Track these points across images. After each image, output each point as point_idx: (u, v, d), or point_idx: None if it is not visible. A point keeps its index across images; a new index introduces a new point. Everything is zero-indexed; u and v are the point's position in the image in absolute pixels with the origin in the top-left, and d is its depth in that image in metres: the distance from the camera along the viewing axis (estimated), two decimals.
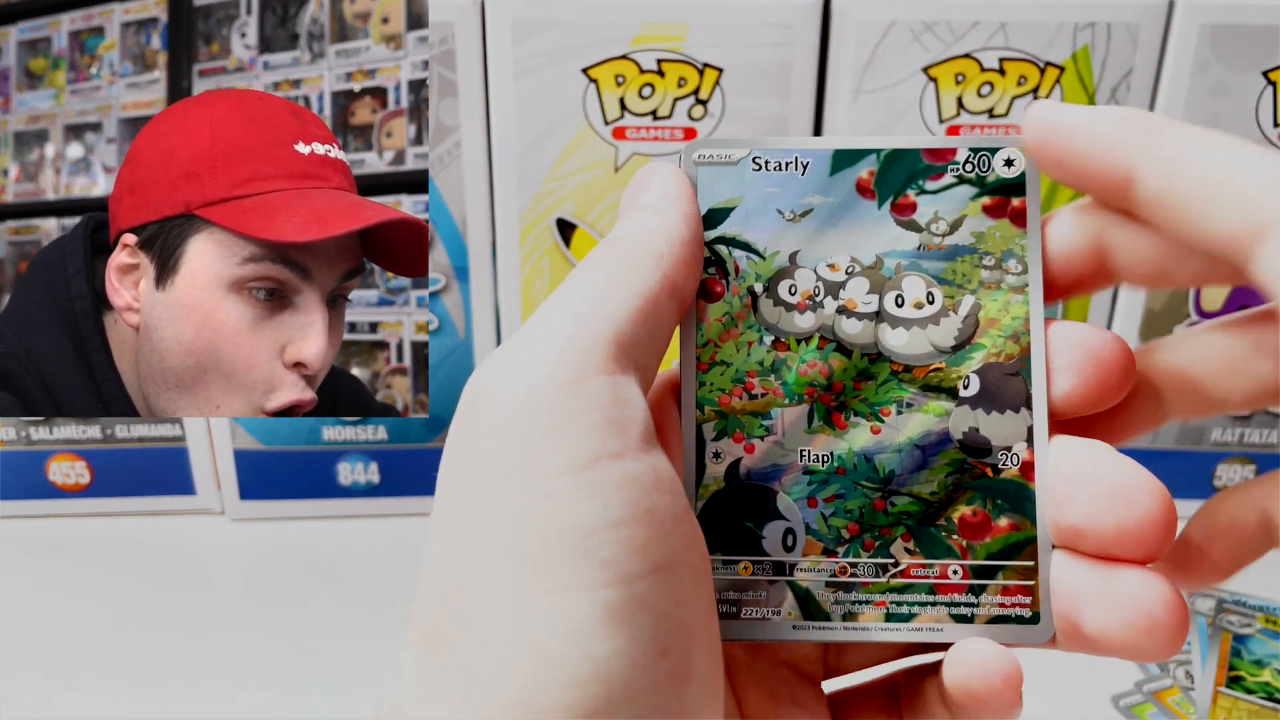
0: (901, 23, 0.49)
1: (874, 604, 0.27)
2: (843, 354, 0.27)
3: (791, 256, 0.27)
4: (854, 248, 0.27)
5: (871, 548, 0.27)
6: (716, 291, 0.28)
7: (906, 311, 0.27)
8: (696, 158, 0.28)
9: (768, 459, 0.27)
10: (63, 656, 0.50)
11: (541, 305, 0.25)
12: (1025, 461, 0.27)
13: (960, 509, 0.27)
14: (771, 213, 0.28)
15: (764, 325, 0.27)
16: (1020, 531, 0.26)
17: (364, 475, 0.59)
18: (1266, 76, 0.49)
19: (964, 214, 0.27)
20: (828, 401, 0.27)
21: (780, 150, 0.28)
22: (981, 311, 0.27)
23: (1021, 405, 0.27)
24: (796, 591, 0.27)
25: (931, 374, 0.27)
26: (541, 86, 0.50)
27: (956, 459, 0.27)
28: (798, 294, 0.27)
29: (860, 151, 0.27)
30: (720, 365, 0.27)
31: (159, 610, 0.53)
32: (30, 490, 0.59)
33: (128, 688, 0.49)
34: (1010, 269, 0.27)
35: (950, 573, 0.27)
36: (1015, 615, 0.26)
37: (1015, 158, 0.27)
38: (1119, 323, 0.54)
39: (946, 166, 0.27)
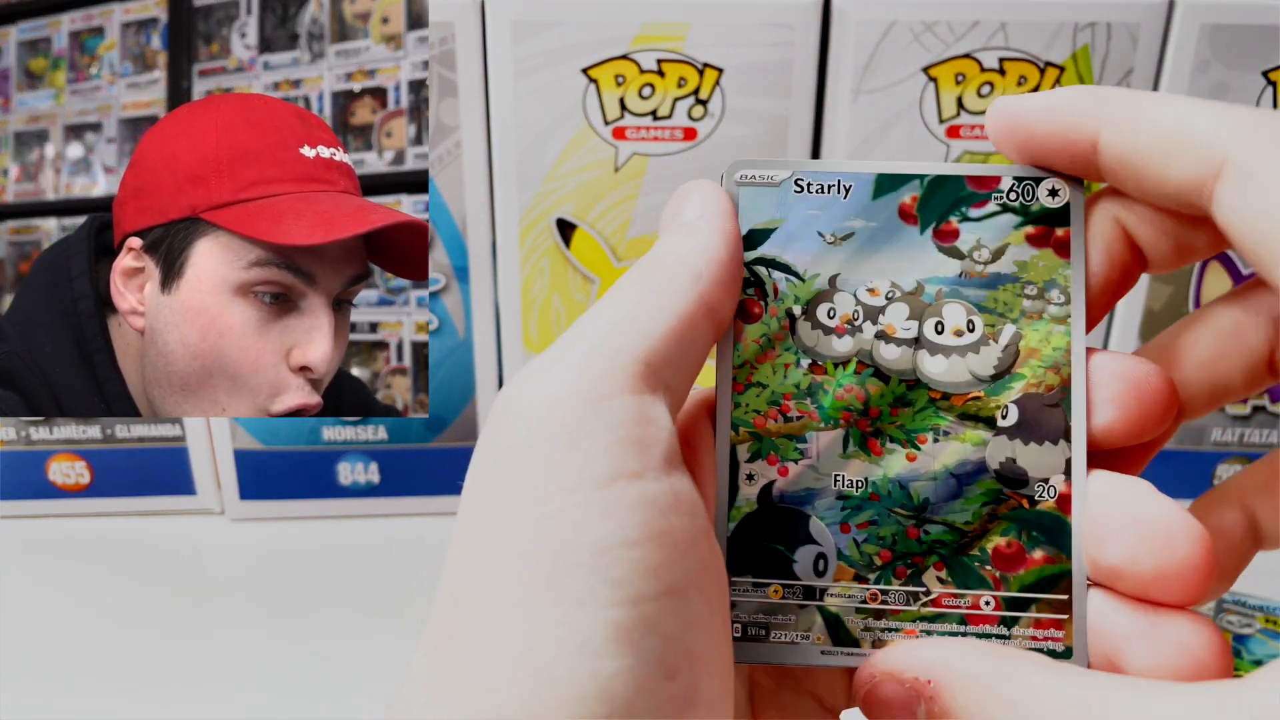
0: (901, 23, 0.49)
1: (903, 632, 0.26)
2: (880, 379, 0.27)
3: (831, 280, 0.27)
4: (895, 273, 0.27)
5: (903, 575, 0.26)
6: (755, 313, 0.27)
7: (946, 339, 0.27)
8: (739, 178, 0.28)
9: (801, 482, 0.27)
10: (63, 656, 0.51)
11: (576, 321, 0.25)
12: (1062, 494, 0.26)
13: (994, 540, 0.26)
14: (812, 235, 0.27)
15: (801, 348, 0.27)
16: (1055, 565, 0.26)
17: (364, 475, 0.59)
18: (1266, 76, 0.49)
19: (1007, 242, 0.27)
20: (864, 427, 0.27)
21: (823, 173, 0.28)
22: (1022, 341, 0.27)
23: (1060, 437, 0.26)
24: (826, 617, 0.27)
25: (970, 403, 0.27)
26: (541, 86, 0.50)
27: (992, 489, 0.26)
28: (836, 317, 0.27)
29: (904, 176, 0.27)
30: (756, 387, 0.27)
31: (159, 610, 0.53)
32: (30, 490, 0.59)
33: (128, 688, 0.49)
34: (1053, 299, 0.27)
35: (983, 603, 0.26)
36: (1048, 649, 0.26)
37: (1060, 188, 0.27)
38: (1119, 323, 0.54)
39: (990, 194, 0.27)
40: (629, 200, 0.52)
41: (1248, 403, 0.55)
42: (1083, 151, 0.25)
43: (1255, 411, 0.56)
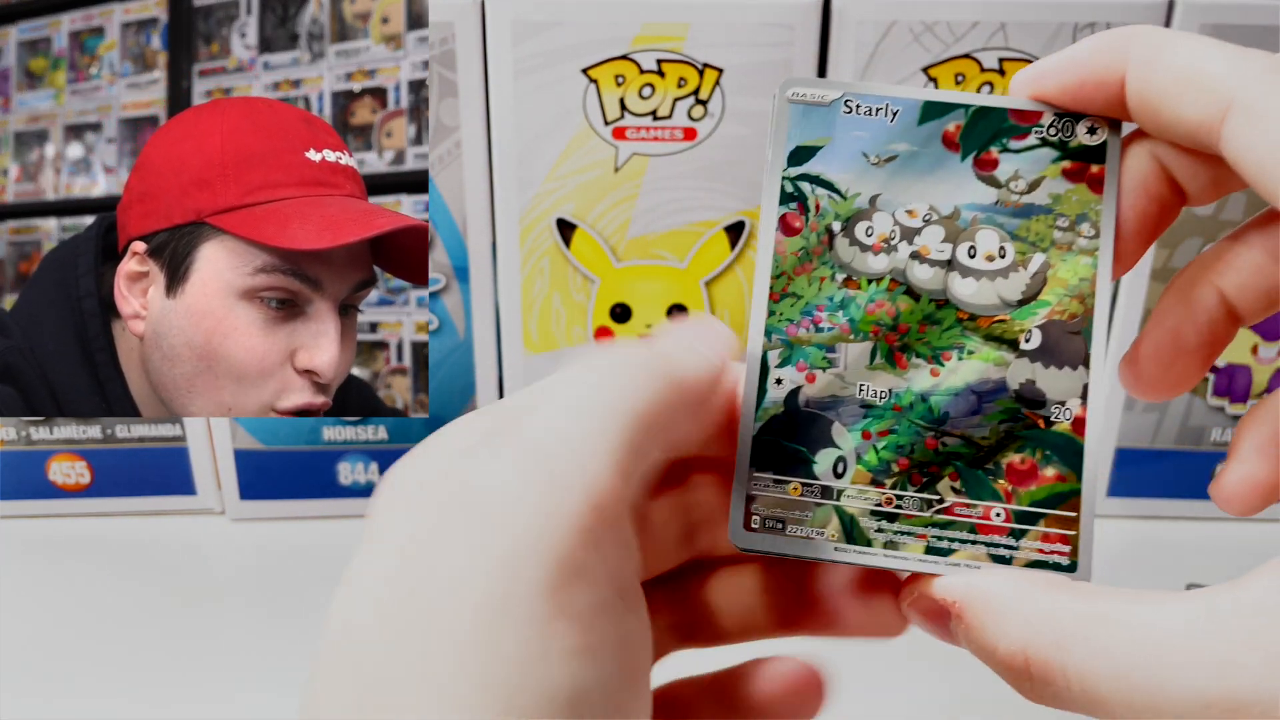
0: (901, 23, 0.49)
1: (916, 535, 0.27)
2: (911, 297, 0.28)
3: (872, 199, 0.28)
4: (933, 197, 0.28)
5: (919, 483, 0.28)
6: (795, 226, 0.28)
7: (978, 263, 0.28)
8: (790, 95, 0.29)
9: (828, 390, 0.28)
10: (63, 656, 0.51)
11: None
12: (1078, 417, 0.27)
13: (1009, 456, 0.27)
14: (857, 155, 0.28)
15: (838, 263, 0.28)
16: (1066, 483, 0.27)
17: (364, 475, 0.59)
18: None
19: (1043, 175, 0.28)
20: (891, 341, 0.28)
21: (872, 96, 0.29)
22: (1050, 270, 0.28)
23: (1080, 363, 0.27)
24: (842, 516, 0.28)
25: (995, 324, 0.28)
26: (541, 86, 0.50)
27: (1011, 408, 0.28)
28: (874, 236, 0.28)
29: (950, 105, 0.28)
30: (791, 297, 0.28)
31: (159, 610, 0.53)
32: (31, 490, 0.59)
33: (128, 687, 0.49)
34: (1083, 232, 0.28)
35: (993, 515, 0.27)
36: (1053, 562, 0.27)
37: (1098, 127, 0.28)
38: (1119, 323, 0.54)
39: (1031, 128, 0.28)
40: (629, 200, 0.52)
41: (1247, 402, 0.56)
42: (1115, 92, 0.26)
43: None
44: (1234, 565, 0.60)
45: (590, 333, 0.55)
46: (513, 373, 0.56)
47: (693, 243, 0.53)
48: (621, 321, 0.54)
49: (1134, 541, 0.57)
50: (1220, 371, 0.55)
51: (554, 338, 0.55)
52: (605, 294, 0.54)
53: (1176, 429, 0.56)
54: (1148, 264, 0.53)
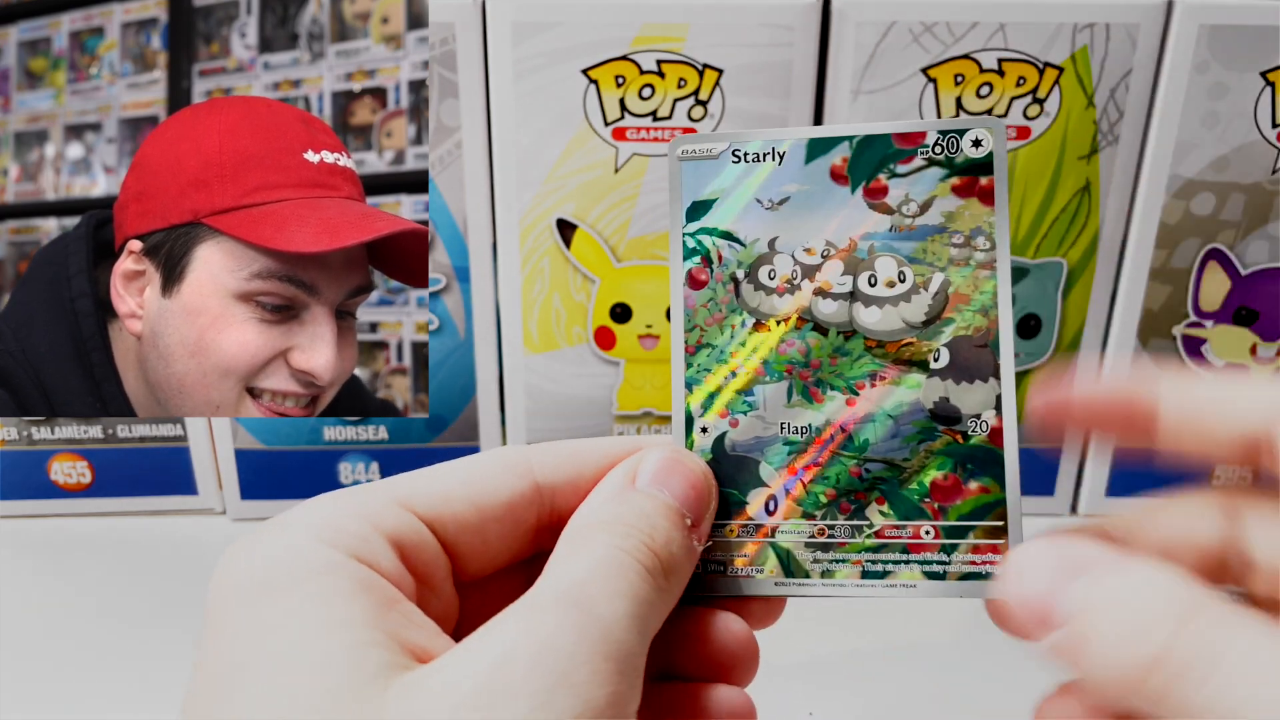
0: (901, 23, 0.49)
1: (851, 562, 0.28)
2: (819, 333, 0.29)
3: (770, 243, 0.29)
4: (829, 232, 0.29)
5: (848, 511, 0.29)
6: (701, 280, 0.29)
7: (879, 290, 0.29)
8: (680, 153, 0.30)
9: (751, 432, 0.29)
10: (64, 656, 0.51)
11: None
12: (994, 428, 0.28)
13: (932, 473, 0.28)
14: (750, 202, 0.29)
15: (746, 308, 0.29)
16: (990, 494, 0.28)
17: (365, 475, 0.59)
18: (1265, 77, 0.49)
19: (934, 194, 0.29)
20: (805, 378, 0.29)
21: (758, 142, 0.29)
22: (951, 288, 0.28)
23: (990, 375, 0.28)
24: (778, 552, 0.29)
25: (904, 348, 0.29)
26: (542, 87, 0.50)
27: (928, 427, 0.28)
28: (777, 278, 0.29)
29: (833, 139, 0.29)
30: (706, 348, 0.29)
31: (160, 610, 0.53)
32: (32, 490, 0.59)
33: (129, 687, 0.49)
34: (979, 245, 0.28)
35: (923, 533, 0.28)
36: (986, 572, 0.28)
37: (983, 138, 0.28)
38: (1118, 323, 0.55)
39: (916, 150, 0.29)
40: (629, 201, 0.52)
41: None
42: (1143, 410, 0.27)
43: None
44: None
45: (590, 333, 0.55)
46: (513, 373, 0.56)
47: None
48: (621, 321, 0.55)
49: None
50: (1219, 372, 0.55)
51: (554, 338, 0.55)
52: (605, 294, 0.54)
53: None
54: (1147, 264, 0.53)
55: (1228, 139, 0.51)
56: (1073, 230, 0.53)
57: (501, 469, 0.28)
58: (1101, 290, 0.54)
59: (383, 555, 0.25)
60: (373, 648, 0.23)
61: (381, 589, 0.24)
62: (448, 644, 0.24)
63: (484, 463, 0.28)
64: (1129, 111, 0.51)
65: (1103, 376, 0.28)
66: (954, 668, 0.49)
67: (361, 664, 0.22)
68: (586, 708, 0.22)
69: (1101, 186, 0.52)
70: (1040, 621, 0.25)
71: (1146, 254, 0.53)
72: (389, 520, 0.26)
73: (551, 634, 0.23)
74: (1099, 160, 0.51)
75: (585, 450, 0.29)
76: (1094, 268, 0.54)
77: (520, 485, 0.28)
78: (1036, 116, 0.50)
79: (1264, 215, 0.52)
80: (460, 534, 0.27)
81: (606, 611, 0.24)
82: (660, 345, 0.55)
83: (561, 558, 0.25)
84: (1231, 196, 0.52)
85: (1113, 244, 0.53)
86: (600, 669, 0.23)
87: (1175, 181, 0.51)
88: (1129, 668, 0.23)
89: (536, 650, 0.22)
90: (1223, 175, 0.51)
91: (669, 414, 0.56)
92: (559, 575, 0.25)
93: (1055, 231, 0.53)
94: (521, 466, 0.28)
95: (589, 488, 0.28)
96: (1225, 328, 0.54)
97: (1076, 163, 0.51)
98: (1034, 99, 0.50)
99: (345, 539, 0.25)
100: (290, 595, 0.24)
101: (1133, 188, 0.52)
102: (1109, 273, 0.54)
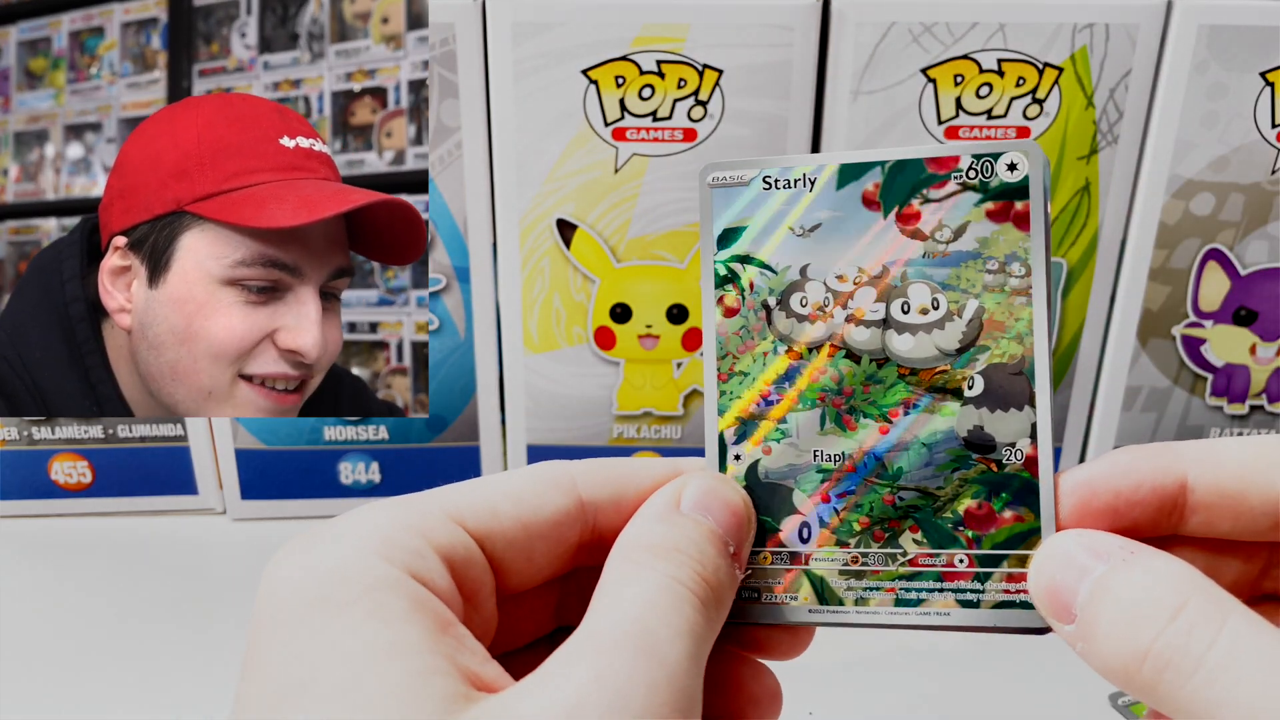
0: (900, 24, 0.49)
1: (884, 590, 0.28)
2: (852, 360, 0.29)
3: (802, 270, 0.29)
4: (861, 259, 0.28)
5: (881, 539, 0.28)
6: (733, 308, 0.29)
7: (912, 318, 0.28)
8: (711, 180, 0.29)
9: (784, 459, 0.29)
10: (64, 656, 0.51)
11: None
12: (1029, 456, 0.28)
13: (965, 502, 0.28)
14: (782, 229, 0.29)
15: (778, 336, 0.29)
16: (1024, 523, 0.27)
17: (365, 475, 0.59)
18: (1264, 77, 0.49)
19: (968, 220, 0.28)
20: (838, 405, 0.29)
21: (788, 168, 0.29)
22: (986, 315, 0.28)
23: (1025, 403, 0.28)
24: (812, 579, 0.29)
25: (938, 376, 0.28)
26: (542, 87, 0.50)
27: (962, 455, 0.28)
28: (809, 305, 0.29)
29: (865, 165, 0.28)
30: (739, 375, 0.29)
31: (161, 610, 0.53)
32: (32, 490, 0.59)
33: (129, 687, 0.49)
34: (1013, 272, 0.28)
35: (957, 561, 0.28)
36: (1020, 601, 0.27)
37: (1018, 162, 0.28)
38: (1118, 323, 0.55)
39: (950, 175, 0.28)
40: (629, 201, 0.52)
41: (1246, 402, 0.56)
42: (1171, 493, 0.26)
43: (1253, 411, 0.56)
44: None
45: (590, 333, 0.55)
46: (513, 373, 0.56)
47: (693, 243, 0.53)
48: (621, 322, 0.55)
49: None
50: (1219, 371, 0.55)
51: (554, 338, 0.55)
52: (605, 294, 0.54)
53: (1175, 429, 0.56)
54: (1146, 264, 0.53)
55: (1227, 139, 0.51)
56: (1072, 230, 0.53)
57: (548, 485, 0.28)
58: (1101, 290, 0.54)
59: (436, 573, 0.25)
60: (436, 675, 0.23)
61: (436, 610, 0.24)
62: (498, 670, 0.24)
63: (531, 478, 0.28)
64: (1128, 112, 0.51)
65: (1118, 461, 0.27)
66: (954, 668, 0.49)
67: (428, 693, 0.22)
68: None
69: (1101, 186, 0.52)
70: (1062, 612, 0.25)
71: (1146, 254, 0.53)
72: (441, 535, 0.26)
73: (623, 684, 0.22)
74: (1098, 160, 0.52)
75: (629, 469, 0.29)
76: (1093, 268, 0.54)
77: (565, 503, 0.28)
78: (1036, 117, 0.50)
79: (1263, 215, 0.52)
80: (507, 550, 0.27)
81: (670, 654, 0.23)
82: (660, 345, 0.55)
83: (615, 582, 0.25)
84: (1231, 196, 0.52)
85: (1112, 244, 0.53)
86: (669, 716, 0.23)
87: (1175, 181, 0.52)
88: (1125, 659, 0.23)
89: (610, 700, 0.22)
90: (1222, 175, 0.51)
91: (669, 414, 0.56)
92: (621, 610, 0.24)
93: (1055, 231, 0.53)
94: (566, 483, 0.28)
95: (632, 508, 0.28)
96: (1225, 328, 0.54)
97: (1076, 163, 0.51)
98: (1033, 99, 0.50)
99: (400, 554, 0.24)
100: (349, 613, 0.23)
101: (1132, 188, 0.52)
102: (1109, 273, 0.54)
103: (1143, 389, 0.56)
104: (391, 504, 0.26)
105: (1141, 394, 0.56)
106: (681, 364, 0.55)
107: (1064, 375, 0.56)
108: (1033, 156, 0.27)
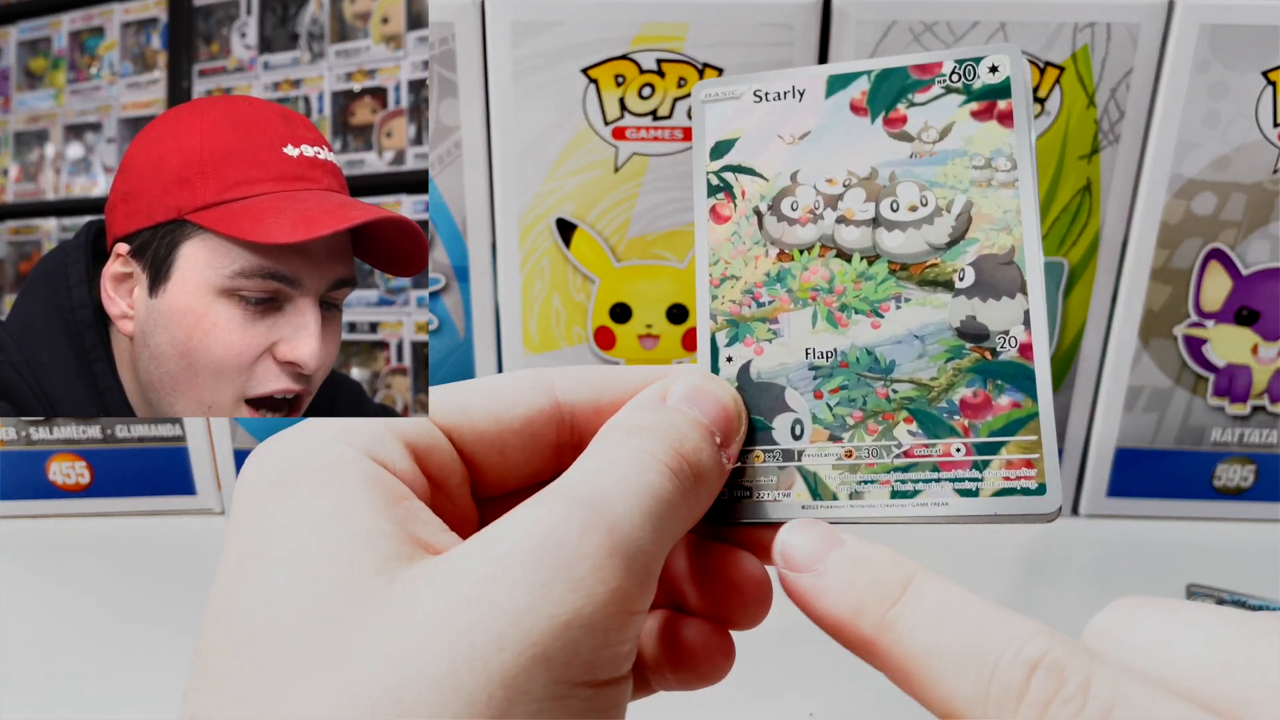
0: (901, 23, 0.49)
1: (879, 483, 0.28)
2: (843, 259, 0.29)
3: (792, 176, 0.29)
4: (850, 162, 0.29)
5: (875, 432, 0.28)
6: (724, 214, 0.30)
7: (902, 215, 0.29)
8: (704, 96, 0.30)
9: (776, 359, 0.29)
10: (63, 656, 0.51)
11: None
12: (1024, 343, 0.28)
13: (961, 391, 0.28)
14: (773, 138, 0.30)
15: (769, 240, 0.30)
16: (1022, 409, 0.28)
17: None
18: (1266, 76, 0.49)
19: (952, 121, 0.29)
20: (829, 304, 0.29)
21: (778, 81, 0.30)
22: (973, 208, 0.28)
23: (1018, 291, 0.28)
24: (805, 475, 0.29)
25: (928, 270, 0.29)
26: (541, 86, 0.50)
27: (955, 345, 0.28)
28: (800, 209, 0.29)
29: (852, 75, 0.29)
30: (730, 279, 0.30)
31: (160, 610, 0.53)
32: (30, 490, 0.59)
33: (128, 687, 0.49)
34: (1000, 166, 0.28)
35: (954, 450, 0.28)
36: (1021, 488, 0.27)
37: (1000, 64, 0.29)
38: (1119, 323, 0.54)
39: (934, 79, 0.29)
40: (629, 200, 0.52)
41: (1247, 402, 0.56)
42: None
43: (1255, 411, 0.56)
44: (1234, 566, 0.61)
45: (590, 333, 0.55)
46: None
47: (693, 243, 0.53)
48: (621, 321, 0.54)
49: (1134, 542, 0.57)
50: (1220, 372, 0.55)
51: (554, 338, 0.55)
52: (605, 294, 0.54)
53: (1176, 429, 0.56)
54: (1148, 263, 0.53)
55: (1229, 138, 0.50)
56: (1074, 230, 0.53)
57: (522, 385, 0.29)
58: (1102, 290, 0.54)
59: (395, 454, 0.26)
60: (378, 537, 0.23)
61: (389, 484, 0.25)
62: (455, 540, 0.24)
63: (507, 378, 0.29)
64: (1130, 111, 0.50)
65: None
66: None
67: (369, 554, 0.23)
68: (586, 601, 0.22)
69: (1102, 186, 0.52)
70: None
71: (1147, 254, 0.53)
72: (405, 425, 0.27)
73: (555, 527, 0.23)
74: (1100, 160, 0.51)
75: (610, 375, 0.29)
76: (1095, 267, 0.54)
77: (540, 401, 0.28)
78: (1037, 116, 0.50)
79: (1265, 215, 0.52)
80: (478, 444, 0.28)
81: (618, 508, 0.24)
82: (660, 345, 0.55)
83: (583, 457, 0.26)
84: (1232, 196, 0.52)
85: (1114, 244, 0.53)
86: (604, 564, 0.23)
87: (1176, 181, 0.51)
88: (843, 614, 0.25)
89: (539, 543, 0.22)
90: (1224, 175, 0.51)
91: None
92: (574, 471, 0.25)
93: (1056, 231, 0.53)
94: (543, 384, 0.29)
95: (611, 411, 0.28)
96: (1226, 327, 0.54)
97: (1077, 162, 0.51)
98: (1035, 98, 0.50)
99: (359, 438, 0.26)
100: (301, 489, 0.24)
101: (1134, 187, 0.52)
102: (1110, 273, 0.54)
103: (1144, 389, 0.56)
104: None
105: (1143, 394, 0.56)
106: (681, 364, 0.55)
107: (1065, 375, 0.56)
108: (1014, 58, 0.28)
